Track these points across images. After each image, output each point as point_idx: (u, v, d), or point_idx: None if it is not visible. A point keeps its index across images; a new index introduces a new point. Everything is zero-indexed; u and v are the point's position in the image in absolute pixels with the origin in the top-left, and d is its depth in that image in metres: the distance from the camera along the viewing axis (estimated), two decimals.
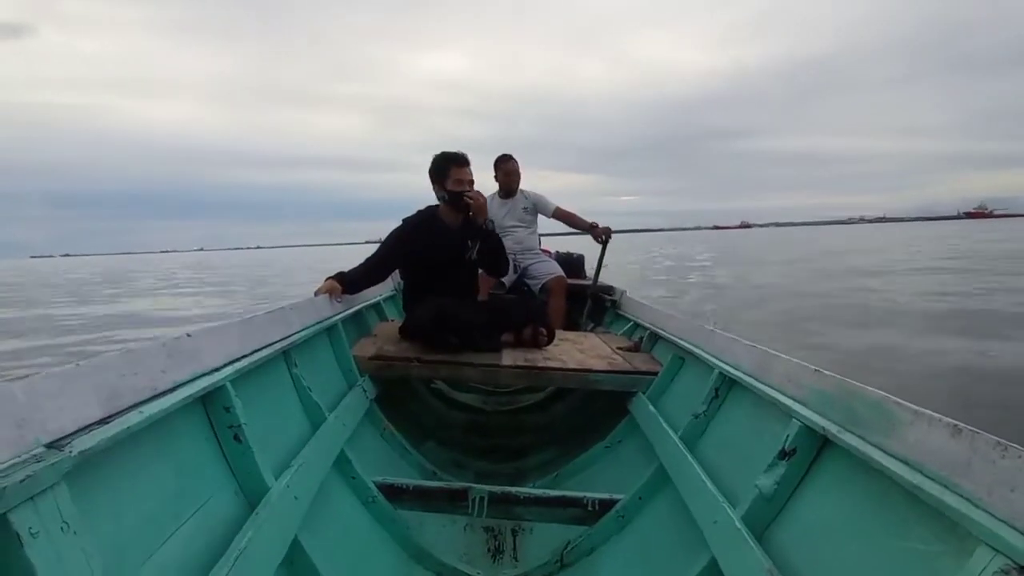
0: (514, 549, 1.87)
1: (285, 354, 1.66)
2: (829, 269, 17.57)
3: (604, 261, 3.67)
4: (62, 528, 0.73)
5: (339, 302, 2.28)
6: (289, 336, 1.68)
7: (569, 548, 1.71)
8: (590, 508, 1.73)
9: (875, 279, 13.54)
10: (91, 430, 0.84)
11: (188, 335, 1.19)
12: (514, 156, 3.66)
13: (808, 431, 1.15)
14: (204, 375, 1.18)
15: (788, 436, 1.18)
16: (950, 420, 0.82)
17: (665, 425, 1.79)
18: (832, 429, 1.07)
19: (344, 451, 1.71)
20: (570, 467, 2.24)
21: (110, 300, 16.95)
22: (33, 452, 0.75)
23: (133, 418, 0.92)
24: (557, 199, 3.72)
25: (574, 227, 3.71)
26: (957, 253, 22.40)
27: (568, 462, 2.27)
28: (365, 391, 2.12)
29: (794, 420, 1.19)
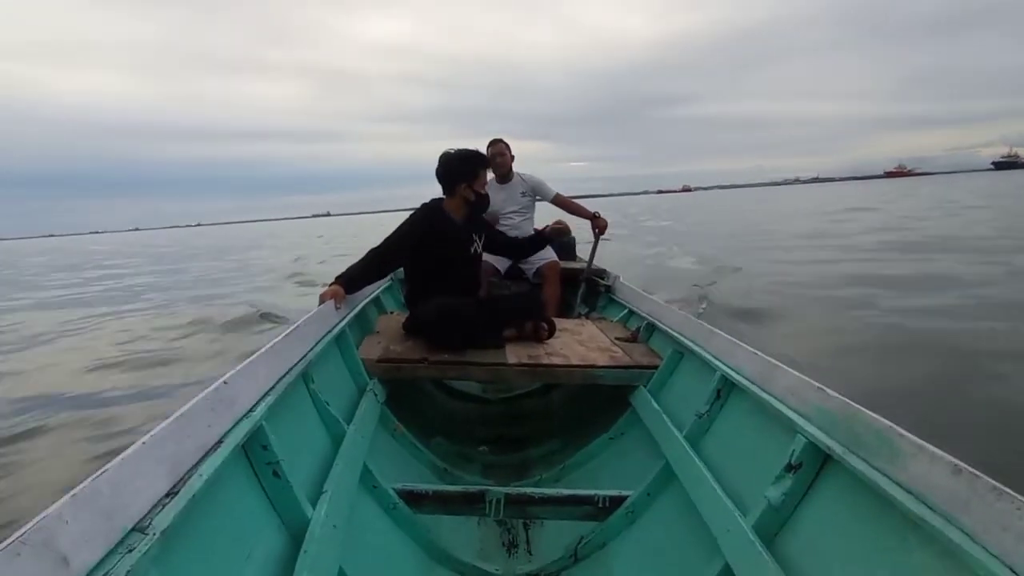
0: (527, 543, 1.91)
1: (304, 374, 1.64)
2: None
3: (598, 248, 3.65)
4: None
5: (340, 307, 2.23)
6: (306, 355, 1.66)
7: (582, 543, 1.75)
8: (600, 505, 1.77)
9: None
10: (163, 504, 0.83)
11: (225, 382, 1.16)
12: (503, 139, 3.54)
13: (813, 447, 1.18)
14: (243, 418, 1.16)
15: (794, 451, 1.21)
16: (951, 459, 0.89)
17: (668, 422, 1.83)
18: (837, 449, 1.11)
19: (366, 463, 1.70)
20: (575, 459, 2.27)
21: None
22: (124, 541, 0.74)
23: (196, 484, 0.91)
24: None
25: (574, 215, 3.66)
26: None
27: (572, 454, 2.30)
28: (376, 395, 2.09)
29: (799, 436, 1.22)
